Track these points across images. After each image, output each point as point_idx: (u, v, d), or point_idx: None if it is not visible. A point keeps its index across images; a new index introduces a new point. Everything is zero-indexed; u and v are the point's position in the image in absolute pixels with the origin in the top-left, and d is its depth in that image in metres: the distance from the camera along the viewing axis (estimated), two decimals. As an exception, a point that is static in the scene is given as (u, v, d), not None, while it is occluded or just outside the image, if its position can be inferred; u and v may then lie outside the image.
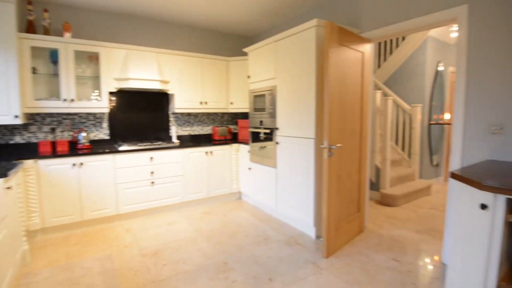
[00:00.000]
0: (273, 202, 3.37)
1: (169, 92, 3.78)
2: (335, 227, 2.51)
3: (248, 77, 3.71)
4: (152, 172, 3.43)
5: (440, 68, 4.84)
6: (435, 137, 4.92)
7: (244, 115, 4.83)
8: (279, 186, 3.23)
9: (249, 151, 3.78)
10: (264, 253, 2.56)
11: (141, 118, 3.93)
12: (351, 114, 2.65)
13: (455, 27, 4.02)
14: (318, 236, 2.84)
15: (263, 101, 3.44)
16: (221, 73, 4.18)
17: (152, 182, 3.45)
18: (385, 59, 5.06)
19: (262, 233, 2.98)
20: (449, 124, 4.86)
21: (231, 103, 4.27)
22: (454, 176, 1.62)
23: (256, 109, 3.60)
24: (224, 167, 3.98)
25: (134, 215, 3.42)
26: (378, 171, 4.04)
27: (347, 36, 2.49)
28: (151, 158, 3.42)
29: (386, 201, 3.82)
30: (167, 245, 2.73)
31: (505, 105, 2.00)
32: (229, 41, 4.64)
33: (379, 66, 5.10)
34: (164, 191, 3.54)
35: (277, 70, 3.15)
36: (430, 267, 2.31)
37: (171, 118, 4.16)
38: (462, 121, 2.20)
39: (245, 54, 4.71)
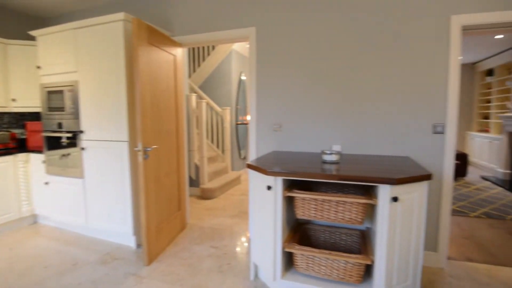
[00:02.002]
0: (82, 219, 2.87)
1: None
2: (156, 230, 2.46)
3: (38, 67, 2.96)
4: None
5: (243, 77, 5.76)
6: (241, 135, 5.84)
7: (35, 116, 3.83)
8: (89, 198, 2.80)
9: (44, 162, 3.04)
10: (73, 281, 2.14)
11: None
12: (167, 115, 2.67)
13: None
14: (139, 245, 2.69)
15: (61, 99, 2.85)
16: (-7, 60, 3.11)
17: None
18: (199, 65, 5.46)
19: (69, 258, 2.48)
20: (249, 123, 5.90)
21: (13, 99, 3.26)
22: (249, 166, 1.97)
23: (52, 108, 2.93)
24: (7, 185, 3.00)
25: None
26: (197, 168, 4.31)
27: (158, 37, 2.48)
28: None
29: (206, 195, 4.15)
30: None
31: (282, 108, 2.63)
32: (9, 19, 3.51)
33: (194, 70, 5.44)
34: None
35: (80, 62, 2.69)
36: (241, 244, 2.71)
37: None
38: (255, 121, 2.72)
39: (34, 38, 3.73)
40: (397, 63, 2.29)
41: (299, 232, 2.14)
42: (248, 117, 5.93)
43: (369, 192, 1.85)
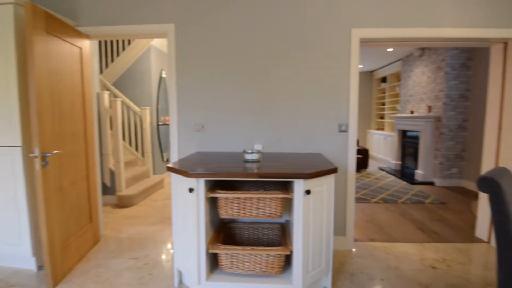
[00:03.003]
0: (-42, 243, 2.32)
1: None
2: (61, 248, 2.15)
3: None
4: None
5: (164, 75, 5.49)
6: (163, 136, 5.57)
7: None
8: (-32, 217, 2.28)
9: None
10: None
11: None
12: (71, 115, 2.36)
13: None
14: (41, 267, 2.31)
15: None
16: None
17: None
18: (112, 60, 4.99)
19: None
20: (174, 124, 5.67)
21: None
22: (169, 169, 1.89)
23: None
24: None
25: None
26: (112, 174, 3.93)
27: (59, 25, 2.17)
28: None
29: (123, 203, 3.82)
30: None
31: (204, 108, 2.60)
32: None
33: (107, 66, 4.95)
34: None
35: None
36: (165, 252, 2.58)
37: None
38: (176, 121, 2.63)
39: None
40: (310, 69, 2.51)
41: (224, 232, 2.15)
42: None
43: (286, 187, 1.97)
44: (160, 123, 5.38)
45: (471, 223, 3.29)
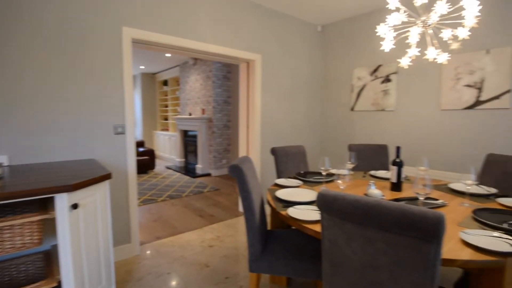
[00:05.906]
0: None
1: None
2: None
3: None
4: None
5: None
6: None
7: None
8: None
9: None
10: None
11: None
12: None
13: None
14: None
15: None
16: None
17: None
18: None
19: None
20: None
21: None
22: None
23: None
24: None
25: None
26: None
27: None
28: None
29: None
30: None
31: None
32: None
33: None
34: None
35: None
36: None
37: None
38: None
39: None
40: (77, 65, 2.16)
41: None
42: None
43: (47, 205, 1.62)
44: None
45: (236, 201, 4.15)
